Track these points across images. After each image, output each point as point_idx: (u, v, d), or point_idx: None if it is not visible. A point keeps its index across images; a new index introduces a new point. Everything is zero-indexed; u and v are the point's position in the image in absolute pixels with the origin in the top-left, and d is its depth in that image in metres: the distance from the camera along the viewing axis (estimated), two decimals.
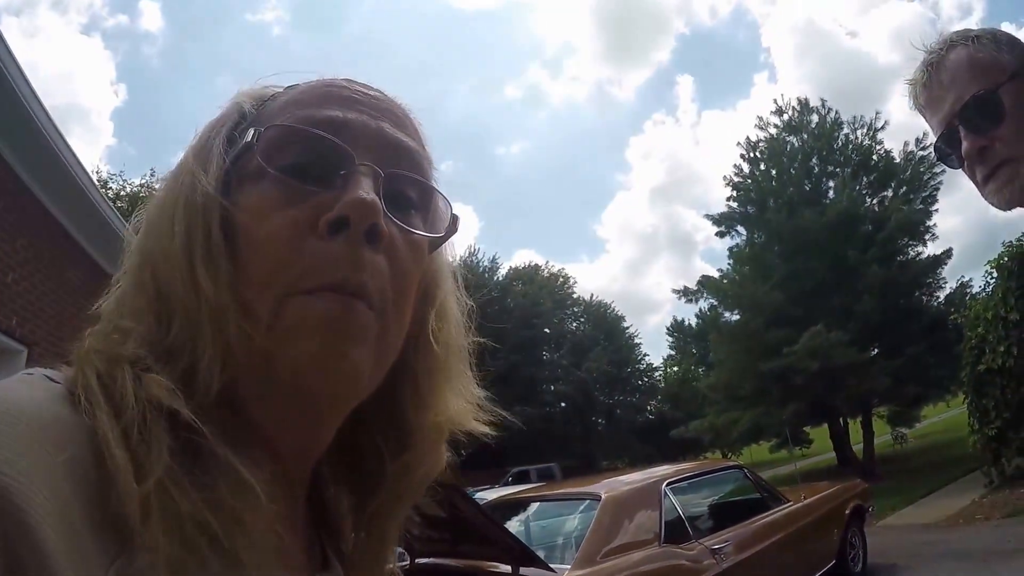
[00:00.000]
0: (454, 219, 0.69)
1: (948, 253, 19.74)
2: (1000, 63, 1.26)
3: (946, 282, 20.20)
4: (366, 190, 0.56)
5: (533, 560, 4.02)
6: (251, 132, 0.59)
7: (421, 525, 2.92)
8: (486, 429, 0.76)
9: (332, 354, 0.54)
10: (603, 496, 4.83)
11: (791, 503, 6.66)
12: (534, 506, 5.65)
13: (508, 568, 4.09)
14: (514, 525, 5.36)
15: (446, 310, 0.74)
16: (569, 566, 4.20)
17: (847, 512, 7.42)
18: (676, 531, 4.99)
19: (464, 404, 0.73)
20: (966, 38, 1.30)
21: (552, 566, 4.13)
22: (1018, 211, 1.33)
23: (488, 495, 16.33)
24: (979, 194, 1.35)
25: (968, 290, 19.34)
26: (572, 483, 6.87)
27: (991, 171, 1.26)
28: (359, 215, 0.55)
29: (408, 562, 5.20)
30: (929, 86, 1.32)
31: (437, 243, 0.68)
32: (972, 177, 1.32)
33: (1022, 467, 10.90)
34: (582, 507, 5.00)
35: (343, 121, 0.61)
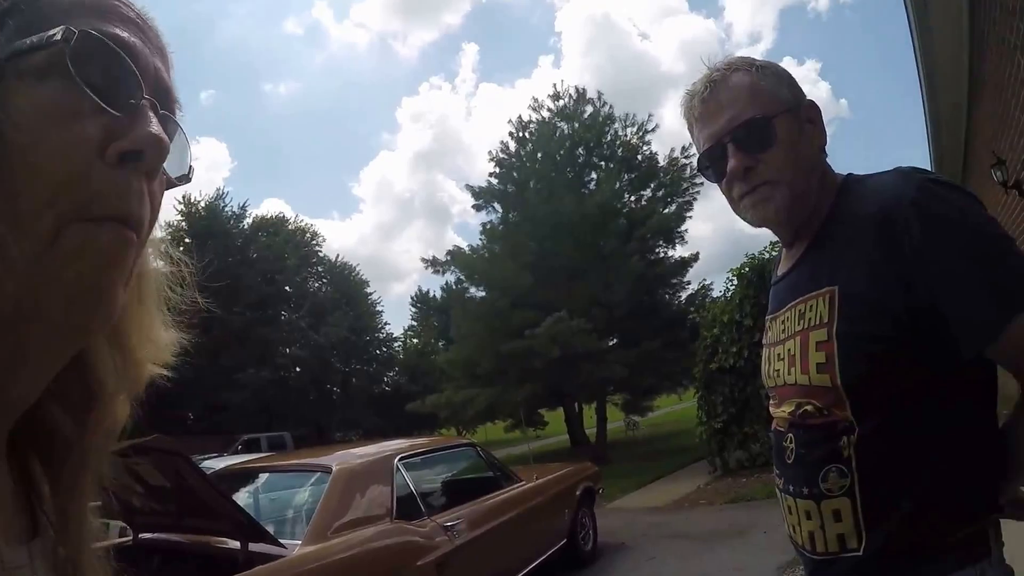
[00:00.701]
0: (191, 169, 0.68)
1: (695, 257, 20.93)
2: (779, 96, 1.39)
3: (690, 284, 21.42)
4: (157, 127, 0.55)
5: (263, 535, 3.82)
6: (60, 30, 0.51)
7: (144, 496, 2.75)
8: (167, 373, 0.69)
9: (106, 285, 0.53)
10: (334, 469, 4.72)
11: (523, 483, 6.77)
12: (263, 477, 5.46)
13: (237, 544, 3.84)
14: (243, 497, 5.12)
15: (154, 250, 0.69)
16: (300, 541, 4.05)
17: (578, 493, 7.61)
18: (408, 507, 4.96)
19: (157, 352, 0.67)
20: (752, 65, 1.42)
21: (282, 541, 3.96)
22: (764, 229, 1.49)
23: (216, 464, 15.73)
24: (731, 208, 1.48)
25: (709, 293, 20.62)
26: (303, 454, 6.73)
27: (751, 189, 1.37)
28: (154, 152, 0.54)
29: (131, 538, 4.89)
30: (707, 100, 1.40)
31: (174, 184, 0.66)
32: (727, 192, 1.44)
33: (742, 459, 12.01)
34: (313, 480, 4.87)
35: (132, 46, 0.56)
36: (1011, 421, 1.31)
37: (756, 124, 1.36)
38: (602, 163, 20.81)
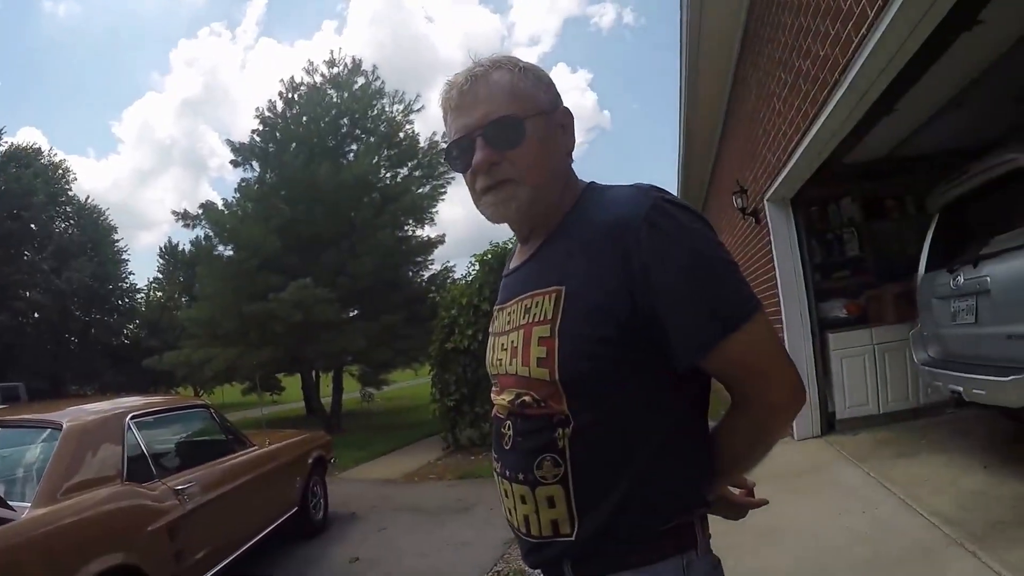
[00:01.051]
0: None
1: (442, 239, 21.16)
2: (535, 99, 1.45)
3: (434, 263, 21.73)
4: None
5: None
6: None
7: None
8: None
9: None
10: (65, 426, 4.54)
11: (256, 447, 6.78)
12: None
13: None
14: None
15: None
16: (29, 504, 3.91)
17: (310, 461, 7.74)
18: (139, 468, 4.87)
19: None
20: (516, 66, 1.47)
21: (11, 503, 3.81)
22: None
23: None
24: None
25: (451, 275, 21.19)
26: (35, 408, 6.32)
27: (494, 184, 1.44)
28: None
29: None
30: (465, 93, 1.44)
31: None
32: (471, 184, 1.50)
33: (473, 437, 12.34)
34: (43, 436, 4.54)
35: None
36: (717, 427, 1.43)
37: (508, 122, 1.40)
38: (364, 136, 20.71)
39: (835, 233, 8.74)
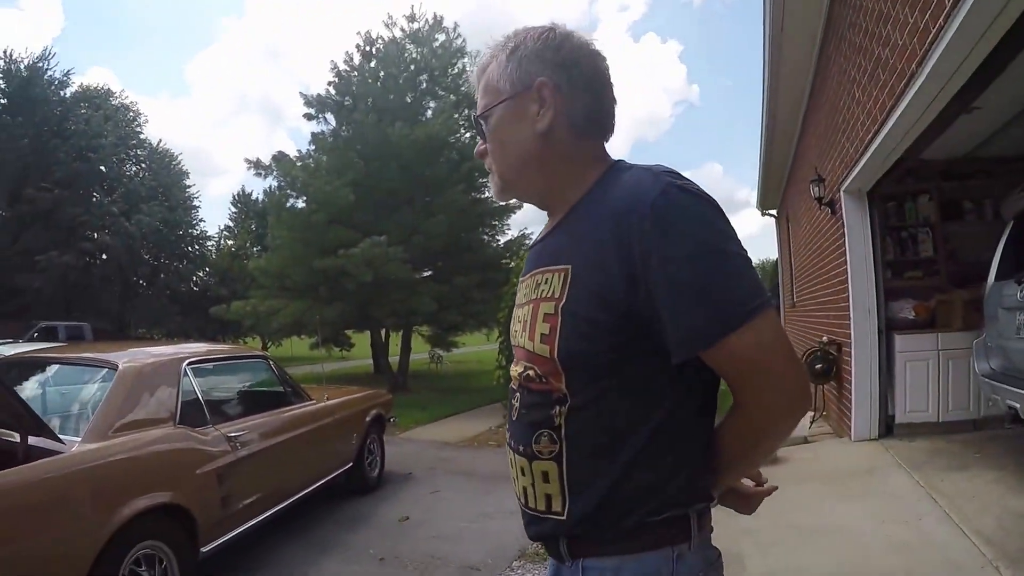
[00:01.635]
0: None
1: (520, 204, 20.95)
2: (499, 87, 1.45)
3: (510, 229, 21.55)
4: None
5: (42, 429, 3.80)
6: None
7: None
8: None
9: None
10: (120, 366, 4.64)
11: (313, 402, 6.80)
12: (52, 368, 5.24)
13: (16, 437, 3.79)
14: (28, 388, 5.01)
15: None
16: (79, 439, 4.01)
17: (368, 419, 7.72)
18: (193, 413, 4.97)
19: None
20: (501, 49, 1.46)
21: (63, 437, 3.94)
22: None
23: (6, 350, 15.14)
24: None
25: (526, 242, 20.61)
26: (95, 348, 6.37)
27: (489, 168, 1.52)
28: None
29: None
30: (477, 83, 1.51)
31: None
32: None
33: None
34: (100, 376, 4.71)
35: None
36: (721, 423, 1.38)
37: (478, 120, 1.49)
38: (444, 94, 20.42)
39: (909, 232, 8.47)
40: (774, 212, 18.33)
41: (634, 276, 1.22)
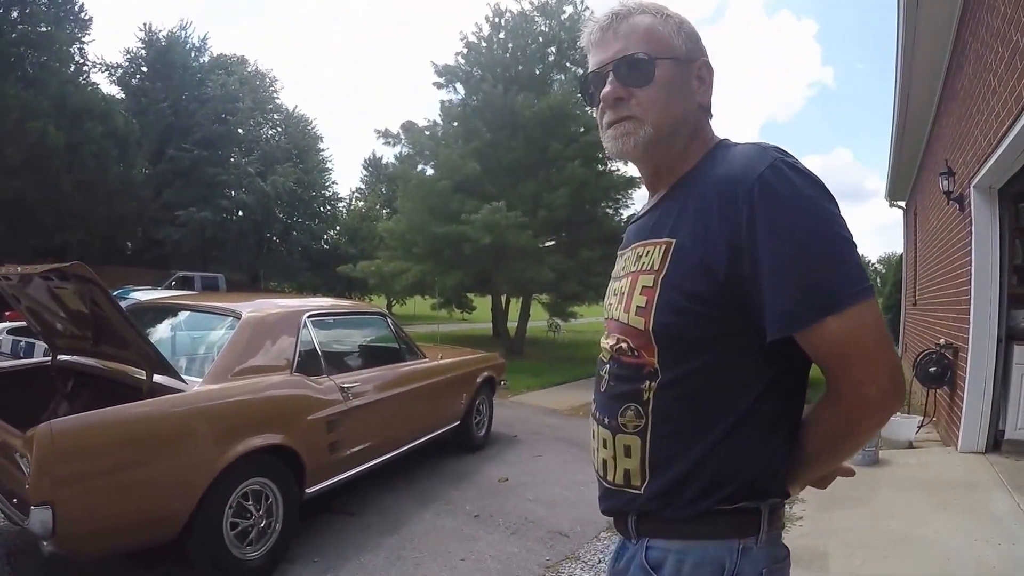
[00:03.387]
0: None
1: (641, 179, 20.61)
2: (673, 45, 1.44)
3: (633, 203, 20.82)
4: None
5: (167, 369, 4.07)
6: None
7: (64, 320, 3.23)
8: None
9: None
10: (243, 315, 4.90)
11: (427, 360, 6.94)
12: (183, 315, 5.59)
13: (143, 374, 4.13)
14: (161, 330, 5.40)
15: None
16: (200, 380, 4.29)
17: (479, 380, 7.85)
18: (309, 362, 5.17)
19: None
20: (659, 12, 1.47)
21: (185, 377, 4.23)
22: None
23: (144, 295, 16.00)
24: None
25: None
26: (223, 297, 6.79)
27: (618, 119, 1.45)
28: None
29: (51, 359, 5.19)
30: (605, 30, 1.47)
31: None
32: (599, 118, 1.51)
33: None
34: (225, 324, 5.01)
35: None
36: (810, 413, 1.37)
37: (640, 61, 1.41)
38: (571, 67, 20.20)
39: None
40: (902, 204, 17.63)
41: (738, 247, 1.23)
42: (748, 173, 1.24)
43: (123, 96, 36.61)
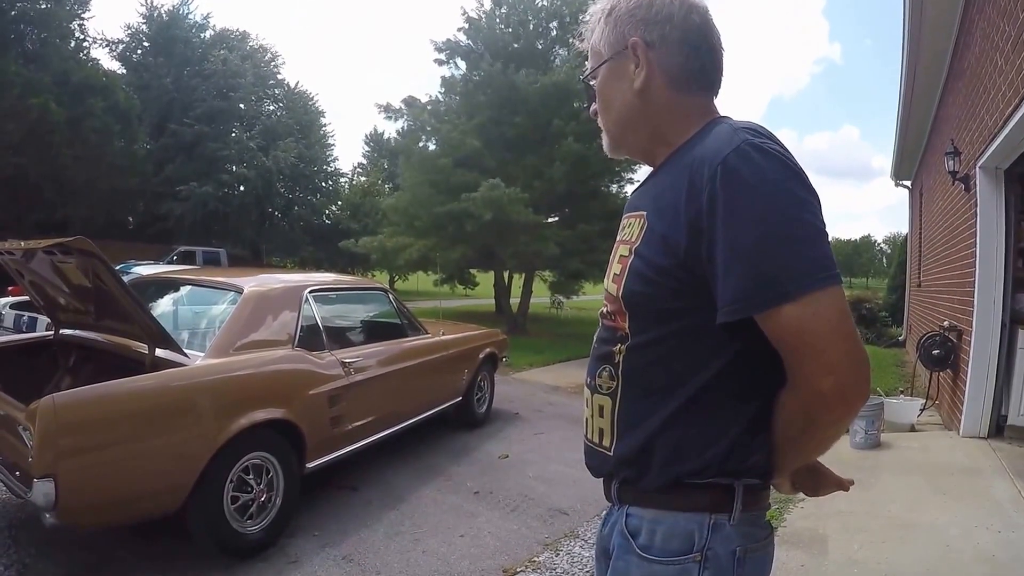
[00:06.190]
0: None
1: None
2: (602, 49, 1.48)
3: (635, 180, 20.52)
4: None
5: (169, 343, 4.09)
6: None
7: (67, 295, 3.24)
8: None
9: None
10: (245, 290, 4.94)
11: (429, 335, 6.96)
12: (185, 289, 5.61)
13: (145, 348, 4.15)
14: (163, 305, 5.43)
15: None
16: (202, 354, 4.32)
17: (481, 356, 7.87)
18: (311, 337, 5.20)
19: None
20: (604, 11, 1.47)
21: (187, 351, 4.25)
22: None
23: (146, 270, 16.01)
24: None
25: None
26: (224, 272, 6.79)
27: (600, 127, 1.57)
28: None
29: (54, 333, 5.23)
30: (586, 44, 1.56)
31: None
32: None
33: None
34: (227, 298, 5.07)
35: None
36: (775, 400, 1.32)
37: (586, 82, 1.57)
38: (573, 41, 19.61)
39: None
40: (908, 183, 17.38)
41: (699, 229, 1.22)
42: (714, 156, 1.23)
43: (124, 71, 36.51)
